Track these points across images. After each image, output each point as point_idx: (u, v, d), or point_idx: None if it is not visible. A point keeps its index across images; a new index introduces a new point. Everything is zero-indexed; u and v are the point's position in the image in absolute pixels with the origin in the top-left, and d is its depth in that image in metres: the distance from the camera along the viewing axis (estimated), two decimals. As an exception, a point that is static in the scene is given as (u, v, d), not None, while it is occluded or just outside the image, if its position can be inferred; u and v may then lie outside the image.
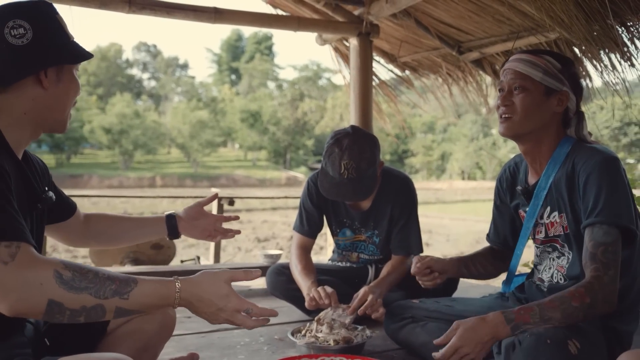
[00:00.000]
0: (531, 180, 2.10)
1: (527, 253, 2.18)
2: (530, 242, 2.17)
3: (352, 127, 2.75)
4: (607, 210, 1.76)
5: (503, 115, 1.99)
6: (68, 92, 1.51)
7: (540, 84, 1.94)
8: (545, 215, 2.01)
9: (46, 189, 1.62)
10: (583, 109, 2.09)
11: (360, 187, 2.64)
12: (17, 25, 1.39)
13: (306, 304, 2.59)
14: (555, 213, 1.98)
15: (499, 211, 2.32)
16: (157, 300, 1.34)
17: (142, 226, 1.96)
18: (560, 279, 2.00)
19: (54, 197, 1.63)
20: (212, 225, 2.02)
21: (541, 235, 2.05)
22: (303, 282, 2.72)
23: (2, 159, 1.33)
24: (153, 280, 1.34)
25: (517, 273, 2.30)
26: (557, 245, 2.01)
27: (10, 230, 1.23)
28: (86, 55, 1.52)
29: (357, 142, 2.64)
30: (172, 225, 1.95)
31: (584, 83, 3.69)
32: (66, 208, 1.81)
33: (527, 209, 2.08)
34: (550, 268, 2.05)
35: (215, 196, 2.13)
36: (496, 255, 2.35)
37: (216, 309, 1.39)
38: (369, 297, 2.49)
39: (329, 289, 2.55)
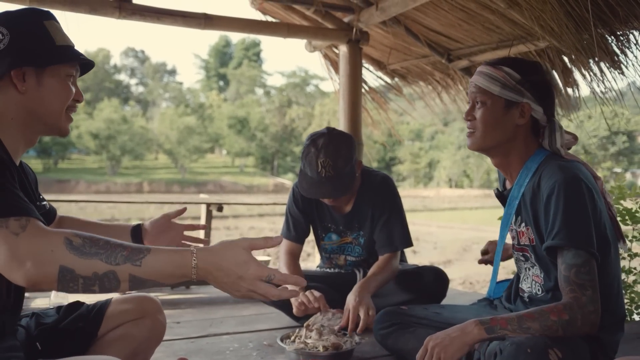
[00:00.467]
0: (508, 185, 2.12)
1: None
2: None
3: (328, 128, 2.78)
4: (566, 232, 1.75)
5: (467, 130, 2.02)
6: (53, 97, 1.49)
7: (500, 98, 1.93)
8: (517, 224, 2.02)
9: (41, 197, 1.65)
10: (570, 117, 2.09)
11: (338, 185, 2.66)
12: None
13: (294, 310, 2.58)
14: (523, 224, 1.99)
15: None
16: (172, 268, 1.26)
17: (106, 233, 1.90)
18: (538, 290, 2.00)
19: (47, 205, 1.67)
20: (180, 237, 1.96)
21: (515, 242, 2.07)
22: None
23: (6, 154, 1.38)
24: (167, 249, 1.29)
25: (499, 280, 2.31)
26: (527, 255, 2.01)
27: (17, 207, 1.25)
28: (65, 60, 1.51)
29: (333, 141, 2.67)
30: (137, 236, 1.90)
31: (570, 92, 3.74)
32: (49, 216, 1.79)
33: (503, 213, 2.09)
34: (527, 278, 2.05)
35: (184, 210, 2.05)
36: None
37: (236, 277, 1.28)
38: (361, 314, 2.46)
39: (316, 293, 2.55)
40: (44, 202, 1.65)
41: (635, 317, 3.32)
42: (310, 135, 2.78)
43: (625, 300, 3.26)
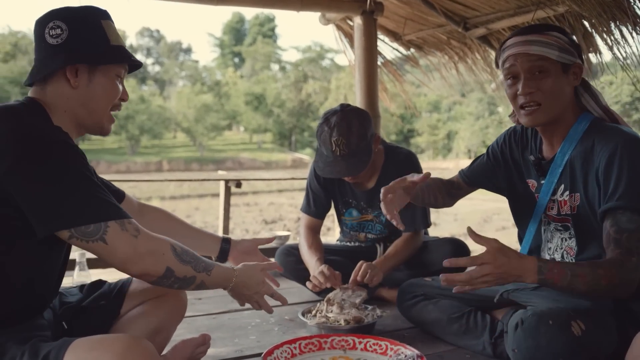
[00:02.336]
0: (546, 153, 2.02)
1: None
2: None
3: (341, 105, 2.75)
4: (629, 195, 1.68)
5: (527, 106, 1.87)
6: (101, 95, 1.57)
7: (557, 62, 1.83)
8: (559, 193, 1.95)
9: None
10: (592, 84, 2.03)
11: (353, 162, 2.64)
12: (56, 26, 1.50)
13: (310, 286, 2.59)
14: (567, 192, 1.92)
15: (487, 160, 2.26)
16: (222, 281, 1.64)
17: (197, 237, 2.04)
18: (571, 260, 1.96)
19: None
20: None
21: (553, 212, 1.99)
22: (310, 260, 2.73)
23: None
24: (222, 265, 1.65)
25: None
26: (569, 225, 1.95)
27: (123, 211, 1.45)
28: (118, 60, 1.59)
29: (345, 118, 2.63)
30: (225, 249, 2.04)
31: (593, 57, 3.66)
32: (115, 195, 1.82)
33: (543, 182, 2.01)
34: (560, 248, 1.99)
35: (272, 239, 2.19)
36: (450, 191, 2.36)
37: (254, 292, 1.73)
38: (363, 266, 2.54)
39: (327, 272, 2.56)
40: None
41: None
42: (324, 113, 2.75)
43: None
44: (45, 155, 1.35)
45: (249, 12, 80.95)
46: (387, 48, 5.00)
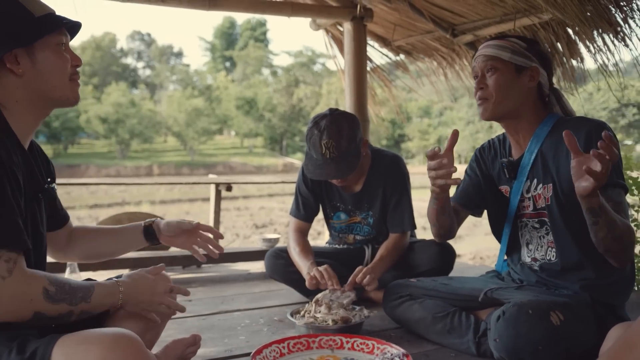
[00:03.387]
0: (515, 154, 2.17)
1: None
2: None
3: (330, 109, 2.80)
4: (614, 173, 1.82)
5: (479, 99, 2.07)
6: (52, 70, 1.49)
7: (510, 63, 2.03)
8: (532, 188, 2.07)
9: (49, 180, 1.66)
10: (574, 91, 2.15)
11: (343, 165, 2.68)
12: None
13: (307, 283, 2.62)
14: (540, 185, 2.04)
15: (469, 177, 2.37)
16: (107, 300, 1.52)
17: (122, 238, 1.95)
18: (552, 256, 2.04)
19: (55, 188, 1.69)
20: (194, 236, 1.98)
21: (530, 210, 2.10)
22: (302, 263, 2.76)
23: (7, 148, 1.37)
24: (104, 284, 1.54)
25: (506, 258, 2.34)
26: (545, 219, 2.05)
27: (8, 238, 1.32)
28: (50, 29, 1.48)
29: (335, 121, 2.68)
30: (151, 234, 1.93)
31: (575, 64, 3.73)
32: (59, 218, 1.82)
33: (512, 184, 2.13)
34: (542, 246, 2.09)
35: (196, 224, 2.00)
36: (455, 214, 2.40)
37: (150, 294, 1.64)
38: (366, 278, 2.55)
39: (331, 271, 2.58)
40: (53, 185, 1.66)
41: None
42: (313, 117, 2.79)
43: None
44: None
45: (241, 17, 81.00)
46: (377, 54, 5.07)
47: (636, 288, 3.30)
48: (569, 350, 1.76)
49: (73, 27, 1.58)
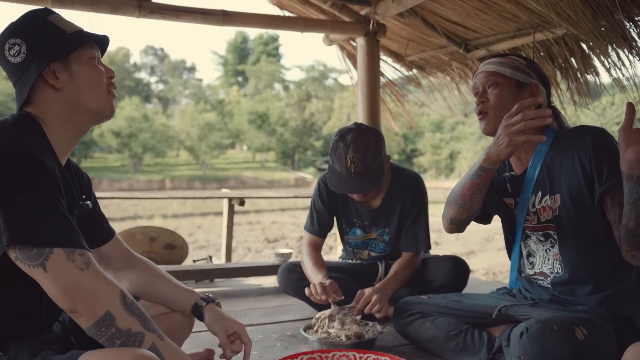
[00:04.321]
0: (516, 169, 2.17)
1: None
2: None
3: (356, 123, 2.80)
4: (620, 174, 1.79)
5: (480, 113, 2.09)
6: (89, 82, 1.54)
7: (511, 79, 2.06)
8: (537, 202, 2.07)
9: (84, 197, 1.68)
10: (589, 105, 2.16)
11: (367, 180, 2.67)
12: (12, 44, 1.49)
13: (307, 293, 2.58)
14: (547, 197, 2.03)
15: None
16: (177, 356, 1.42)
17: (174, 292, 1.84)
18: (559, 269, 2.03)
19: (90, 204, 1.69)
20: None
21: (534, 223, 2.10)
22: (314, 277, 2.75)
23: (50, 161, 1.41)
24: (177, 347, 1.45)
25: None
26: (550, 232, 2.05)
27: (79, 240, 1.35)
28: (83, 42, 1.54)
29: (362, 136, 2.68)
30: (198, 314, 1.84)
31: (591, 79, 3.72)
32: (103, 233, 1.81)
33: (518, 199, 2.13)
34: (548, 259, 2.08)
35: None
36: None
37: None
38: (373, 297, 2.51)
39: (328, 287, 2.52)
40: (87, 202, 1.68)
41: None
42: (338, 130, 2.79)
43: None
44: (7, 170, 1.31)
45: (253, 32, 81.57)
46: (390, 68, 5.08)
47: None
48: None
49: (102, 43, 1.64)
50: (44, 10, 1.56)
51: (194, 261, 5.25)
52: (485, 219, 2.34)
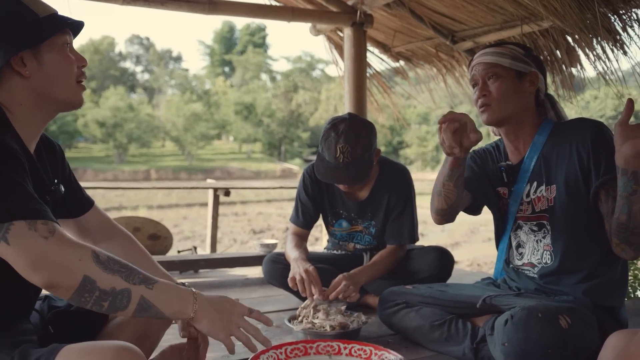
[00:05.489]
0: (513, 160, 2.19)
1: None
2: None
3: (349, 113, 2.79)
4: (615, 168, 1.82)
5: (482, 106, 2.09)
6: (58, 70, 1.47)
7: (511, 69, 2.06)
8: (532, 192, 2.09)
9: (56, 181, 1.63)
10: (572, 99, 2.18)
11: (355, 171, 2.66)
12: None
13: (289, 280, 2.60)
14: (542, 187, 2.05)
15: (471, 169, 2.33)
16: (176, 299, 1.37)
17: (155, 273, 1.75)
18: (548, 259, 2.05)
19: (62, 189, 1.64)
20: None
21: (527, 213, 2.12)
22: (292, 254, 2.77)
23: (15, 146, 1.36)
24: (172, 284, 1.40)
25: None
26: (544, 222, 2.07)
27: (41, 210, 1.29)
28: (55, 29, 1.46)
29: (354, 127, 2.67)
30: None
31: (575, 72, 3.74)
32: (84, 202, 1.78)
33: (512, 190, 2.15)
34: (537, 250, 2.10)
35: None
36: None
37: (228, 312, 1.45)
38: (342, 283, 2.52)
39: (314, 276, 2.53)
40: (60, 187, 1.63)
41: (639, 293, 3.34)
42: (331, 119, 2.78)
43: (630, 278, 3.29)
44: None
45: (240, 22, 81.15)
46: (377, 60, 5.07)
47: (632, 295, 3.30)
48: (576, 354, 1.76)
49: (76, 27, 1.56)
50: None
51: (179, 252, 5.23)
52: (474, 210, 2.34)
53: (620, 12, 3.10)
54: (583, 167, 1.94)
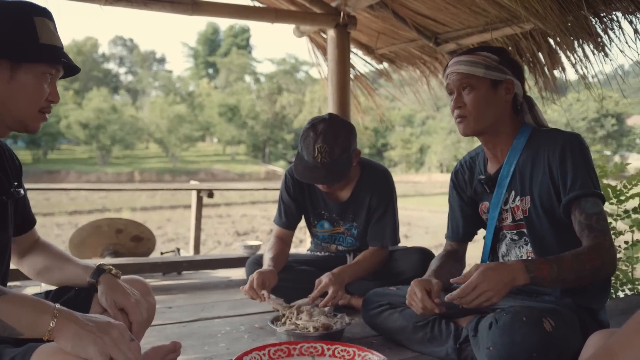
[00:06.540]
0: (491, 169, 2.18)
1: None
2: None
3: (330, 114, 2.79)
4: (587, 183, 1.87)
5: (458, 117, 2.08)
6: (23, 94, 1.47)
7: (485, 79, 2.03)
8: (510, 200, 2.09)
9: (15, 184, 1.63)
10: (556, 101, 2.18)
11: (333, 172, 2.67)
12: None
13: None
14: (518, 197, 2.06)
15: (456, 206, 2.38)
16: (29, 312, 1.26)
17: (73, 272, 1.76)
18: None
19: (22, 192, 1.64)
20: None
21: (509, 221, 2.12)
22: (264, 260, 2.77)
23: None
24: (29, 297, 1.31)
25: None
26: (524, 230, 2.08)
27: None
28: (44, 59, 1.46)
29: (333, 127, 2.67)
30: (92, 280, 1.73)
31: (557, 74, 3.77)
32: (26, 222, 1.77)
33: (492, 197, 2.14)
34: (521, 256, 2.10)
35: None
36: (453, 257, 2.40)
37: (106, 321, 1.30)
38: (330, 290, 2.52)
39: (266, 270, 2.56)
40: (20, 190, 1.63)
41: (620, 294, 3.37)
42: (311, 119, 2.78)
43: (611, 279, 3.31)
44: None
45: (224, 23, 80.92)
46: (360, 61, 5.08)
47: (614, 296, 3.33)
48: (560, 356, 1.77)
49: (72, 69, 1.57)
50: (39, 9, 1.49)
51: (162, 253, 5.20)
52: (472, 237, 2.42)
53: (602, 14, 3.12)
54: (554, 181, 1.95)
